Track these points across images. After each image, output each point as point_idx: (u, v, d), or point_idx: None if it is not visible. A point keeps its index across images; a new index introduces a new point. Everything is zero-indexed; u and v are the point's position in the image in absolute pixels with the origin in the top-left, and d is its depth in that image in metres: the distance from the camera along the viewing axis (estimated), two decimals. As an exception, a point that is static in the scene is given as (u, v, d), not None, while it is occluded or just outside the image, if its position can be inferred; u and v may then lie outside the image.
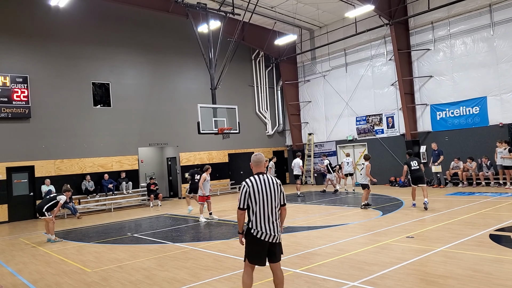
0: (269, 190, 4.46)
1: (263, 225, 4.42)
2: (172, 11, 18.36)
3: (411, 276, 5.60)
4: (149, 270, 6.96)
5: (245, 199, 4.47)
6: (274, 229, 4.45)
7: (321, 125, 22.88)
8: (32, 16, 16.69)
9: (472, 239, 7.38)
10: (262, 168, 4.62)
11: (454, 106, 17.29)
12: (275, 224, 4.47)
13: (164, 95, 20.13)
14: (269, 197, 4.44)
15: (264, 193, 4.44)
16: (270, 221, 4.43)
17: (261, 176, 4.52)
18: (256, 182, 4.47)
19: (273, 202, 4.46)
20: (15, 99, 15.83)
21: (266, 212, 4.43)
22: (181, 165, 20.67)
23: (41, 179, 16.33)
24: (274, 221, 4.46)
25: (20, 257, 8.92)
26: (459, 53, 17.04)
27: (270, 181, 4.51)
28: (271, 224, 4.43)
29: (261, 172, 4.58)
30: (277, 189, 4.51)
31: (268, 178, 4.52)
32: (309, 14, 20.71)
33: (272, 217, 4.44)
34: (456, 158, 16.60)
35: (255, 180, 4.49)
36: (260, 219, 4.42)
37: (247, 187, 4.48)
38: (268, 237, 4.43)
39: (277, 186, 4.52)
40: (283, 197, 4.57)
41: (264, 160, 4.67)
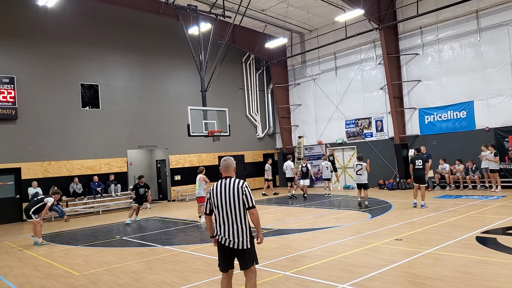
0: (227, 194, 4.30)
1: (222, 230, 4.32)
2: (162, 12, 18.30)
3: (399, 278, 5.65)
4: (138, 273, 6.90)
5: (206, 204, 4.49)
6: (234, 234, 4.28)
7: (311, 128, 22.99)
8: (20, 16, 16.49)
9: (459, 241, 7.48)
10: (230, 172, 4.50)
11: (442, 110, 17.52)
12: (235, 229, 4.28)
13: (154, 97, 20.02)
14: (227, 201, 4.30)
15: (222, 197, 4.31)
16: (228, 226, 4.29)
17: (223, 180, 4.42)
18: (217, 187, 4.39)
19: (232, 206, 4.28)
20: (1, 100, 15.60)
21: (224, 216, 4.32)
22: (171, 167, 20.55)
23: (28, 181, 16.08)
24: (232, 226, 4.28)
25: (6, 261, 8.76)
26: (447, 58, 17.30)
27: (231, 184, 4.35)
28: (229, 229, 4.28)
29: (228, 177, 4.46)
30: (237, 192, 4.30)
31: (230, 181, 4.37)
32: (299, 17, 20.83)
33: (230, 222, 4.29)
34: (442, 159, 16.84)
35: (217, 184, 4.43)
36: (220, 223, 4.34)
37: (209, 192, 4.46)
38: (228, 243, 4.30)
39: (237, 188, 4.31)
40: (247, 199, 4.31)
41: (233, 165, 4.58)
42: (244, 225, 4.33)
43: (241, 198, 4.30)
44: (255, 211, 4.37)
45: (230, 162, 4.55)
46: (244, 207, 4.32)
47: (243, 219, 4.32)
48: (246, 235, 4.32)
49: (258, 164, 24.00)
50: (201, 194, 12.51)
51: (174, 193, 20.57)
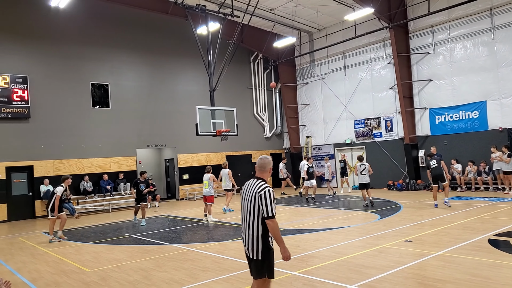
0: (247, 196, 4.00)
1: (242, 232, 4.07)
2: (171, 12, 18.38)
3: (409, 280, 5.60)
4: (147, 270, 6.96)
5: None
6: (248, 240, 3.94)
7: (319, 128, 22.90)
8: (32, 16, 16.70)
9: (470, 244, 7.39)
10: (263, 173, 4.11)
11: (454, 110, 17.33)
12: (249, 235, 3.94)
13: (163, 96, 20.13)
14: (245, 203, 4.01)
15: (244, 198, 4.06)
16: (245, 230, 4.01)
17: (251, 180, 4.11)
18: (245, 186, 4.13)
19: (248, 210, 3.96)
20: (15, 99, 15.82)
21: (243, 218, 4.07)
22: (179, 166, 20.65)
23: (40, 179, 16.31)
24: (247, 231, 3.95)
25: (20, 256, 8.90)
26: (459, 57, 17.09)
27: (253, 186, 3.99)
28: (245, 233, 3.99)
29: (258, 178, 4.09)
30: (253, 196, 3.91)
31: (254, 183, 4.01)
32: (308, 16, 20.76)
33: (246, 226, 3.98)
34: (454, 160, 16.66)
35: (246, 183, 4.16)
36: (242, 224, 4.09)
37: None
38: (245, 248, 4.03)
39: (255, 192, 3.91)
40: (263, 207, 3.82)
41: (269, 166, 4.14)
42: (258, 233, 3.90)
43: (257, 204, 3.88)
44: (272, 221, 3.81)
45: (266, 162, 4.14)
46: (260, 214, 3.87)
47: (258, 226, 3.89)
48: (259, 244, 3.91)
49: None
50: (211, 193, 12.62)
51: (182, 192, 20.66)
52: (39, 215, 16.29)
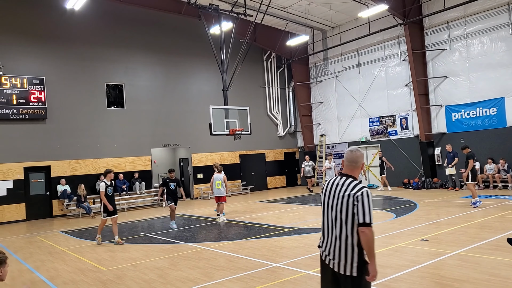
0: (337, 197, 3.26)
1: (325, 242, 3.33)
2: (184, 12, 18.49)
3: (425, 279, 5.53)
4: (162, 269, 7.02)
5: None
6: (336, 252, 3.21)
7: (333, 126, 22.76)
8: (48, 19, 17.00)
9: (488, 243, 7.25)
10: (353, 170, 3.37)
11: (470, 107, 17.01)
12: (339, 246, 3.20)
13: (177, 96, 20.28)
14: (334, 206, 3.27)
15: (331, 199, 3.31)
16: (332, 239, 3.26)
17: (338, 178, 3.39)
18: (330, 184, 3.40)
19: (338, 215, 3.22)
20: (32, 100, 16.13)
21: (328, 224, 3.32)
22: (193, 166, 20.78)
23: (57, 179, 16.61)
24: (336, 241, 3.22)
25: (38, 255, 9.08)
26: (476, 53, 16.77)
27: (345, 186, 3.26)
28: (333, 243, 3.25)
29: (347, 175, 3.35)
30: (347, 198, 3.20)
31: (345, 182, 3.29)
32: (321, 14, 20.63)
33: (334, 234, 3.25)
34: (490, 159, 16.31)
35: (331, 181, 3.42)
36: (324, 232, 3.38)
37: (323, 186, 3.52)
38: (329, 261, 3.27)
39: (349, 194, 3.19)
40: (358, 212, 3.12)
41: (361, 161, 3.40)
42: (352, 244, 3.18)
43: (351, 208, 3.16)
44: (369, 230, 3.10)
45: (357, 156, 3.38)
46: (354, 221, 3.17)
47: (352, 236, 3.18)
48: (353, 258, 3.18)
49: (279, 163, 23.97)
50: (223, 193, 12.60)
51: (196, 191, 20.79)
52: (56, 214, 16.59)
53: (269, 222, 11.41)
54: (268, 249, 7.89)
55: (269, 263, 6.81)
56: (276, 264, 6.75)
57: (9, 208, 15.60)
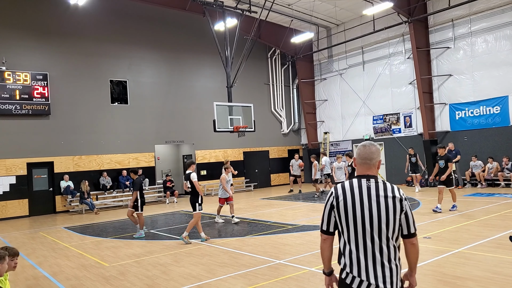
0: (374, 206, 2.56)
1: (360, 266, 2.55)
2: (189, 9, 18.46)
3: (428, 276, 5.52)
4: (165, 265, 7.05)
5: (329, 217, 2.71)
6: (380, 276, 2.51)
7: (337, 124, 22.72)
8: (51, 14, 17.02)
9: (491, 241, 7.23)
10: (372, 169, 2.70)
11: (474, 105, 16.94)
12: (383, 268, 2.52)
13: (181, 93, 20.29)
14: (373, 219, 2.54)
15: (364, 210, 2.56)
16: (371, 261, 2.53)
17: (363, 181, 2.64)
18: (352, 190, 2.62)
19: (381, 229, 2.54)
20: (36, 96, 16.17)
21: (363, 243, 2.56)
22: (197, 162, 20.80)
23: (60, 174, 16.68)
24: (377, 262, 2.53)
25: (41, 251, 9.13)
26: (480, 51, 16.68)
27: (381, 190, 2.59)
28: (373, 266, 2.52)
29: (368, 175, 2.68)
30: (392, 205, 2.56)
31: (378, 186, 2.62)
32: (326, 11, 20.56)
33: (374, 255, 2.53)
34: (474, 156, 16.32)
35: (350, 186, 2.64)
36: (357, 255, 2.57)
37: (334, 195, 2.68)
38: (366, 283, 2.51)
39: (393, 201, 2.56)
40: (408, 221, 2.60)
41: (379, 158, 2.75)
42: (396, 262, 2.58)
43: (398, 217, 2.56)
44: (417, 241, 2.68)
45: (372, 151, 2.72)
46: (400, 233, 2.62)
47: (396, 252, 2.59)
48: (399, 276, 2.59)
49: (283, 160, 23.95)
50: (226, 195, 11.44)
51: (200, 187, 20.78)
52: (59, 210, 16.67)
53: (273, 219, 11.42)
54: (271, 246, 7.90)
55: (272, 260, 6.82)
56: (279, 261, 6.76)
57: (12, 204, 15.68)
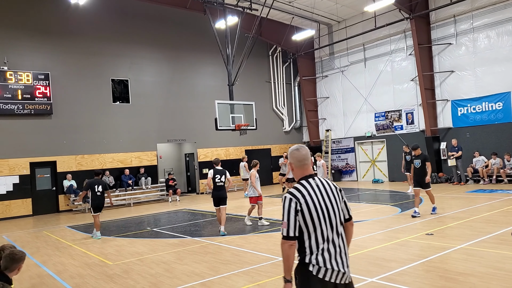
0: (329, 201, 2.84)
1: (332, 257, 2.76)
2: (190, 7, 18.46)
3: (430, 273, 5.53)
4: (168, 263, 7.08)
5: (295, 222, 2.76)
6: (343, 262, 2.79)
7: (339, 121, 22.69)
8: (52, 14, 17.04)
9: (494, 237, 7.23)
10: (309, 169, 2.95)
11: (476, 101, 16.89)
12: (346, 254, 2.83)
13: (182, 91, 20.30)
14: (331, 212, 2.81)
15: (324, 207, 2.80)
16: (339, 251, 2.79)
17: (312, 181, 2.88)
18: (308, 191, 2.82)
19: (338, 219, 2.85)
20: (38, 95, 16.22)
21: (331, 237, 2.79)
22: (199, 161, 20.84)
23: (63, 174, 16.74)
24: (343, 250, 2.82)
25: (45, 249, 9.18)
26: (483, 47, 16.62)
27: (327, 185, 2.90)
28: (341, 254, 2.79)
29: (310, 175, 2.92)
30: (338, 196, 2.91)
31: (323, 181, 2.92)
32: (327, 8, 20.51)
33: (340, 244, 2.81)
34: (477, 152, 16.28)
35: (305, 188, 2.84)
36: (327, 248, 2.77)
37: (295, 200, 2.78)
38: (336, 277, 2.74)
39: (337, 192, 2.92)
40: (347, 206, 2.98)
41: (311, 157, 3.07)
42: (346, 245, 2.90)
43: (342, 205, 2.94)
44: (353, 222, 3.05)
45: (306, 153, 2.98)
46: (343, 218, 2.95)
47: (344, 236, 2.90)
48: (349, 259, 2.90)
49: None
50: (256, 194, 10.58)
51: (202, 185, 20.86)
52: (62, 209, 16.74)
53: (275, 216, 11.43)
54: (274, 244, 7.91)
55: (275, 257, 6.84)
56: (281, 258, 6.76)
57: (16, 203, 15.76)
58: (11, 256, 3.66)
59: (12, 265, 3.62)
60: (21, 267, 3.71)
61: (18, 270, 3.71)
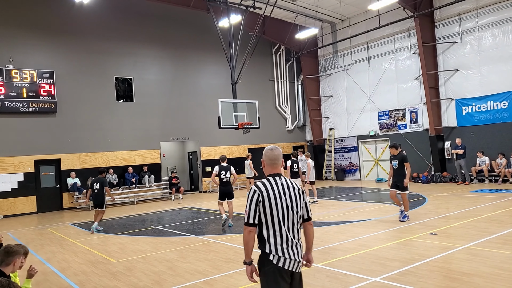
0: (290, 199, 3.23)
1: (285, 248, 3.17)
2: (193, 6, 18.46)
3: (434, 273, 5.51)
4: (171, 261, 7.09)
5: (255, 211, 3.18)
6: (298, 252, 3.24)
7: (343, 120, 22.64)
8: (57, 12, 17.08)
9: (498, 237, 7.19)
10: (278, 168, 3.37)
11: (481, 100, 16.79)
12: (300, 246, 3.28)
13: (185, 90, 20.32)
14: (290, 207, 3.21)
15: (288, 203, 3.20)
16: (293, 242, 3.22)
17: (277, 179, 3.28)
18: (272, 186, 3.22)
19: (296, 215, 3.24)
20: (42, 94, 16.28)
21: (287, 229, 3.20)
22: (202, 159, 20.86)
23: (67, 172, 16.80)
24: (297, 241, 3.26)
25: (49, 247, 9.22)
26: (488, 45, 16.51)
27: (290, 186, 3.29)
28: (295, 246, 3.22)
29: (277, 174, 3.33)
30: (299, 197, 3.29)
31: (287, 182, 3.31)
32: (331, 7, 20.45)
33: (295, 237, 3.24)
34: (480, 152, 16.20)
35: (270, 183, 3.24)
36: (280, 238, 3.18)
37: (258, 192, 3.19)
38: (292, 265, 3.19)
39: (298, 193, 3.30)
40: (307, 207, 3.34)
41: (282, 157, 3.43)
42: (301, 240, 3.34)
43: (301, 205, 3.30)
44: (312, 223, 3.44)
45: (278, 153, 3.39)
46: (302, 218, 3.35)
47: (299, 233, 3.33)
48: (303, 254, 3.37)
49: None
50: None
51: (205, 184, 20.88)
52: (66, 207, 16.81)
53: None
54: (276, 242, 7.91)
55: (277, 256, 6.83)
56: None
57: (20, 201, 15.84)
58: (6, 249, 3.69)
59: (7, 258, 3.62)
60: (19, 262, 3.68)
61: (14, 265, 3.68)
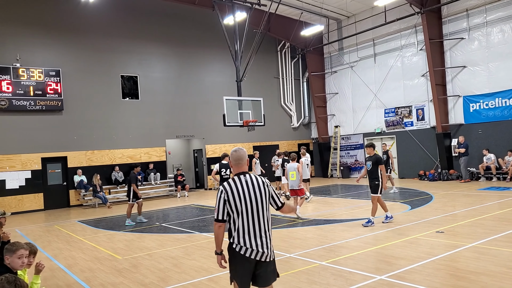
0: (255, 194, 3.58)
1: (250, 239, 3.52)
2: (198, 3, 18.44)
3: (440, 271, 5.47)
4: (177, 258, 7.11)
5: (223, 209, 3.58)
6: (267, 244, 3.57)
7: (348, 117, 22.53)
8: (63, 11, 17.14)
9: (506, 236, 7.12)
10: (243, 166, 3.72)
11: (489, 97, 16.62)
12: (268, 238, 3.59)
13: (191, 87, 20.33)
14: (257, 203, 3.57)
15: (252, 198, 3.56)
16: (260, 234, 3.54)
17: (242, 177, 3.65)
18: (236, 185, 3.59)
19: (263, 210, 3.59)
20: (49, 92, 16.37)
21: (253, 222, 3.55)
22: (207, 157, 20.88)
23: (74, 169, 16.91)
24: (264, 234, 3.57)
25: (56, 243, 9.29)
26: (496, 41, 16.32)
27: (255, 182, 3.62)
28: (261, 237, 3.55)
29: (242, 172, 3.70)
30: (264, 191, 3.62)
31: (252, 178, 3.64)
32: (336, 3, 20.32)
33: (261, 229, 3.57)
34: (486, 149, 16.04)
35: (234, 182, 3.61)
36: (246, 232, 3.53)
37: (224, 192, 3.59)
38: (260, 255, 3.53)
39: (264, 187, 3.63)
40: (277, 198, 3.73)
41: (246, 157, 3.78)
42: (271, 231, 3.68)
43: (268, 198, 3.67)
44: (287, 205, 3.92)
45: (243, 154, 3.76)
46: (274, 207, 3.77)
47: (270, 225, 3.67)
48: (272, 244, 3.68)
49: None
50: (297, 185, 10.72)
51: (210, 181, 20.91)
52: (73, 204, 16.92)
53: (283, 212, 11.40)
54: (281, 240, 7.91)
55: (283, 254, 6.83)
56: (290, 255, 6.76)
57: (28, 198, 15.97)
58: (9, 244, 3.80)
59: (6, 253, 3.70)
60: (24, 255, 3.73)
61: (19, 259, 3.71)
